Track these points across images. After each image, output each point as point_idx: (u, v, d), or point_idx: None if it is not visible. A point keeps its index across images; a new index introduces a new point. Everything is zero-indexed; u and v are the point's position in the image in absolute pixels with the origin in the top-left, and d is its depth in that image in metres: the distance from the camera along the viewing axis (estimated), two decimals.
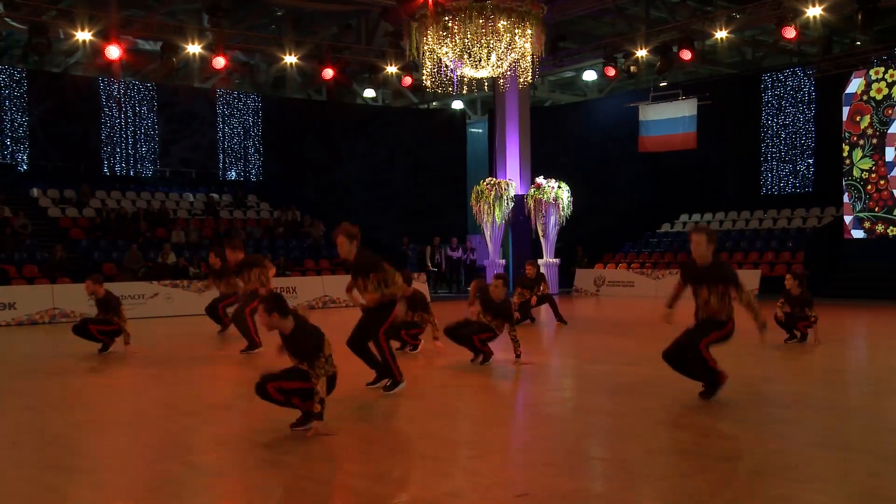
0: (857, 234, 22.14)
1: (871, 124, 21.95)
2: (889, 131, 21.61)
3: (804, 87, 24.36)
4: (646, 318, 17.11)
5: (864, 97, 21.98)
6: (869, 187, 22.02)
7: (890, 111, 21.57)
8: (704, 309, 7.31)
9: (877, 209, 21.93)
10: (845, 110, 22.26)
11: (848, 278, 21.73)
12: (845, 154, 22.26)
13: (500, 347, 10.46)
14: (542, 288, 15.09)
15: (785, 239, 23.72)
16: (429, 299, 21.07)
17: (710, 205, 26.89)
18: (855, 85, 22.08)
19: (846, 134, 22.23)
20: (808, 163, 24.54)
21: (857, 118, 22.12)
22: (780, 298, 11.65)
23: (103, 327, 11.71)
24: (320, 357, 6.33)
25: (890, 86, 21.57)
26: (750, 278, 20.83)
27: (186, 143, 26.65)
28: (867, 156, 22.12)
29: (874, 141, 21.93)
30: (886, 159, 21.71)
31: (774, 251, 23.33)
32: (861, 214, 22.12)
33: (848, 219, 22.33)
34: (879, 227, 21.91)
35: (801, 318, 11.41)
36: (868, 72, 21.72)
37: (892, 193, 21.66)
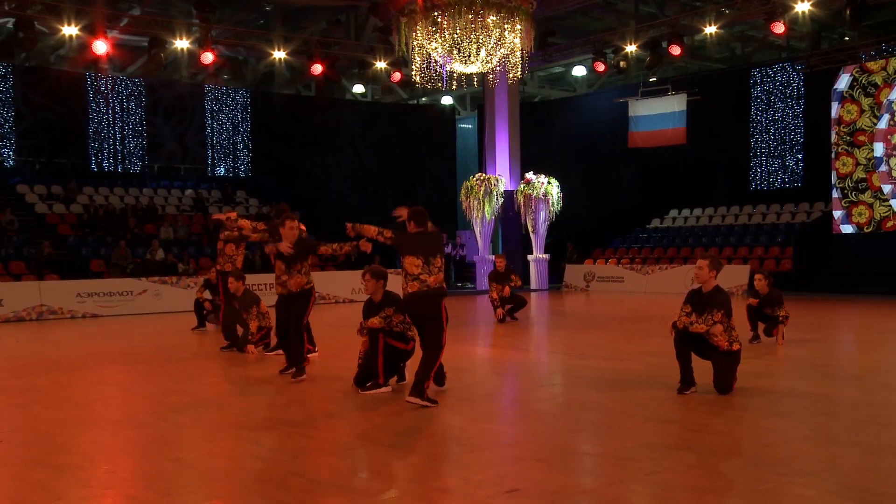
0: (847, 228, 22.24)
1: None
2: (878, 126, 21.69)
3: (793, 83, 24.46)
4: (636, 314, 17.16)
5: (854, 93, 22.02)
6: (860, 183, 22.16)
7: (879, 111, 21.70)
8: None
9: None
10: (835, 106, 22.33)
11: (836, 273, 21.87)
12: (838, 150, 22.35)
13: (496, 344, 10.47)
14: (513, 280, 15.01)
15: (774, 234, 23.82)
16: None
17: (699, 200, 26.98)
18: (844, 82, 22.15)
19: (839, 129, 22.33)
20: (797, 158, 24.65)
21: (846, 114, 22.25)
22: (750, 298, 11.41)
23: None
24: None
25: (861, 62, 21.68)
26: (739, 273, 20.92)
27: (174, 138, 26.55)
28: (858, 149, 22.19)
29: (862, 138, 22.00)
30: (875, 154, 21.80)
31: (763, 246, 23.43)
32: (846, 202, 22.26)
33: (838, 214, 22.43)
34: (866, 221, 22.02)
35: (771, 318, 11.11)
36: (856, 68, 21.79)
37: (882, 188, 21.78)
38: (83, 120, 24.75)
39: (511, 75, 17.76)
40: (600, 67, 23.54)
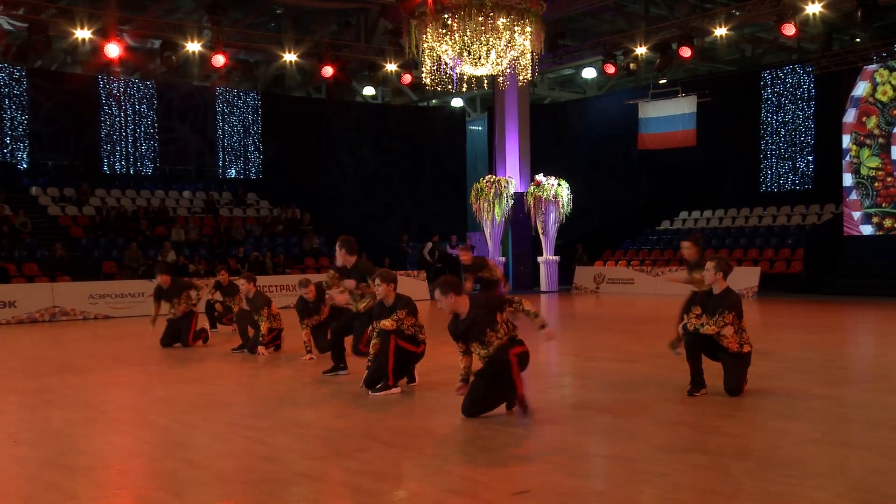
0: (866, 229, 22.15)
1: (877, 125, 22.02)
2: (895, 131, 21.71)
3: (804, 85, 24.38)
4: (646, 316, 17.14)
5: (871, 99, 22.08)
6: (877, 184, 22.08)
7: (895, 112, 21.67)
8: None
9: (884, 205, 21.97)
10: (852, 112, 22.32)
11: (847, 275, 21.74)
12: (854, 154, 22.29)
13: None
14: (487, 273, 13.41)
15: (784, 236, 23.73)
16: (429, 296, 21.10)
17: (709, 202, 26.91)
18: (862, 88, 22.20)
19: (854, 134, 22.27)
20: (808, 160, 24.56)
21: (864, 119, 22.22)
22: (685, 272, 10.34)
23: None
24: None
25: (895, 88, 21.67)
26: (749, 275, 20.85)
27: (186, 140, 26.66)
28: (874, 155, 22.19)
29: (881, 141, 22.03)
30: (892, 157, 21.83)
31: (774, 248, 23.35)
32: (870, 210, 22.15)
33: (857, 215, 22.28)
34: (888, 222, 21.96)
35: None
36: (873, 75, 21.81)
37: None
38: (95, 122, 24.88)
39: (521, 77, 17.77)
40: (610, 69, 23.51)
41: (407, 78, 23.89)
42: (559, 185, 23.89)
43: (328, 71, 22.45)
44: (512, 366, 6.71)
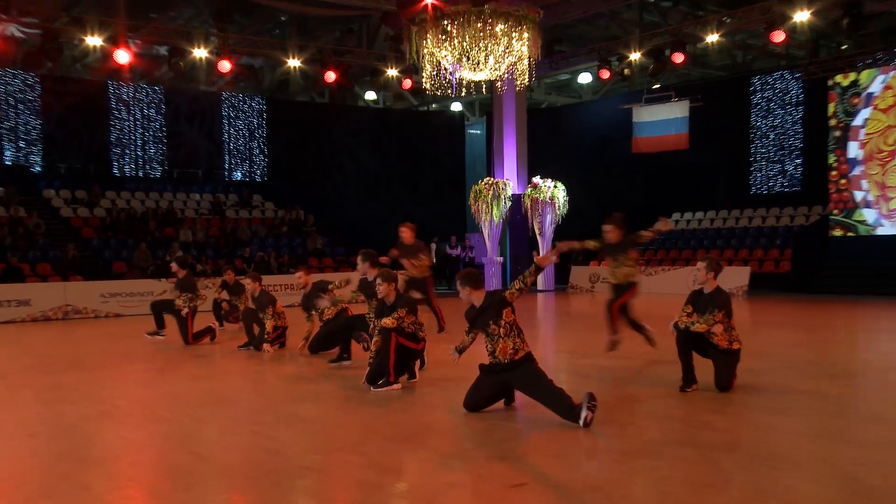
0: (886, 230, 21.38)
1: (834, 114, 21.08)
2: (853, 123, 20.92)
3: (792, 90, 24.55)
4: (639, 314, 17.32)
5: (830, 83, 21.18)
6: (829, 186, 21.35)
7: (856, 100, 20.73)
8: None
9: (835, 212, 21.48)
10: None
11: (834, 275, 21.80)
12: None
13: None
14: (419, 260, 12.37)
15: (773, 237, 23.93)
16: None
17: (701, 204, 27.05)
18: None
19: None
20: (796, 163, 24.71)
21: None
22: (599, 251, 10.10)
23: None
24: None
25: (858, 71, 20.67)
26: (739, 275, 21.03)
27: (193, 144, 26.89)
28: (829, 151, 21.24)
29: (837, 134, 21.07)
30: (848, 155, 20.89)
31: (763, 248, 23.55)
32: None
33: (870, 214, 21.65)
34: (838, 232, 21.06)
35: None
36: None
37: (853, 195, 21.19)
38: (105, 126, 25.16)
39: (518, 82, 17.89)
40: (605, 75, 23.56)
41: (407, 83, 24.02)
42: (556, 187, 24.12)
43: (331, 76, 22.58)
44: (547, 379, 6.88)
